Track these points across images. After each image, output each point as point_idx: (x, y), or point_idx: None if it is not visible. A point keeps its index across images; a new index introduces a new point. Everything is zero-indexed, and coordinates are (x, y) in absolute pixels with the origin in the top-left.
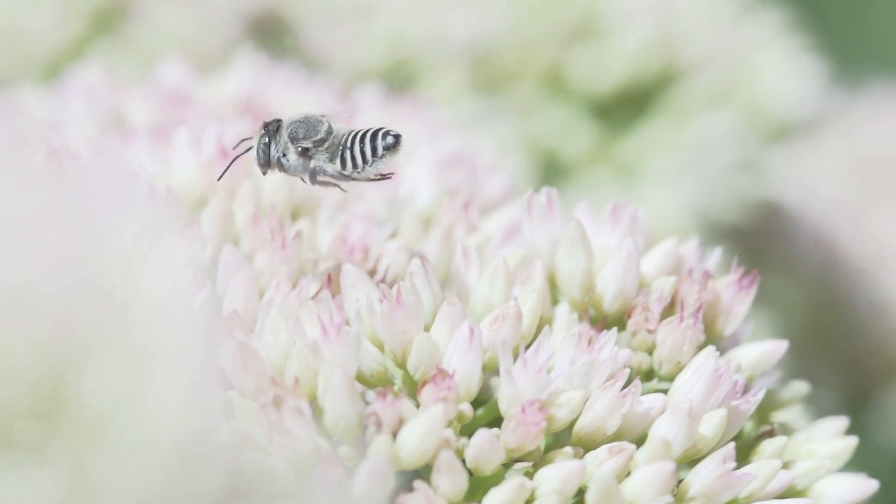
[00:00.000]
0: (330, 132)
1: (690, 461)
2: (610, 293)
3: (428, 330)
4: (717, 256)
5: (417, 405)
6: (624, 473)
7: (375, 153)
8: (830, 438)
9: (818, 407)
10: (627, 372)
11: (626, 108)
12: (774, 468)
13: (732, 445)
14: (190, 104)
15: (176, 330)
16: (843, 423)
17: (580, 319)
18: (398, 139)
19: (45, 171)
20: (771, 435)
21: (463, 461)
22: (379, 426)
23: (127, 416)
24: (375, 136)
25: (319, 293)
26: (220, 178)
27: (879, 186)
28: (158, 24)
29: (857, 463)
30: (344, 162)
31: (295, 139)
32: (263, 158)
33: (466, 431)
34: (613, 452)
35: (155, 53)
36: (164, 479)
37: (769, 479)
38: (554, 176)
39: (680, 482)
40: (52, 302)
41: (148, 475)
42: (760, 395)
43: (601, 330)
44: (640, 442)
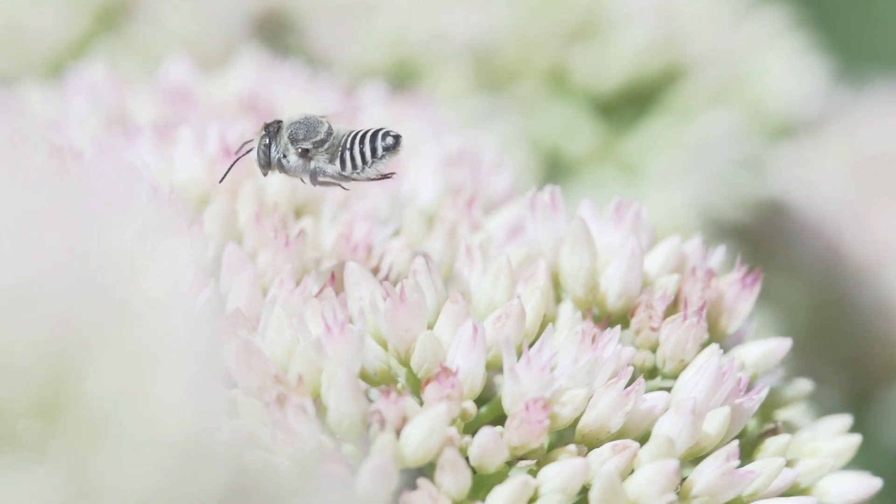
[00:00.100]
0: (330, 133)
1: (694, 459)
2: (613, 291)
3: (431, 328)
4: (720, 255)
5: (421, 403)
6: (627, 471)
7: (375, 154)
8: (834, 437)
9: (821, 405)
10: (631, 370)
11: (629, 106)
12: (778, 466)
13: (736, 443)
14: (193, 102)
15: (178, 329)
16: (846, 421)
17: (584, 317)
18: (398, 140)
19: (47, 169)
20: (774, 433)
21: (466, 459)
22: (382, 424)
23: (128, 415)
24: (375, 136)
25: (323, 291)
26: (221, 180)
27: (882, 185)
28: (161, 22)
29: (860, 461)
30: (344, 163)
31: (295, 140)
32: (264, 160)
33: (470, 429)
34: (617, 450)
35: (158, 51)
36: (165, 478)
37: (772, 477)
38: (557, 174)
39: (683, 480)
40: (53, 301)
41: (149, 475)
42: (764, 393)
43: (605, 328)
44: (643, 440)
